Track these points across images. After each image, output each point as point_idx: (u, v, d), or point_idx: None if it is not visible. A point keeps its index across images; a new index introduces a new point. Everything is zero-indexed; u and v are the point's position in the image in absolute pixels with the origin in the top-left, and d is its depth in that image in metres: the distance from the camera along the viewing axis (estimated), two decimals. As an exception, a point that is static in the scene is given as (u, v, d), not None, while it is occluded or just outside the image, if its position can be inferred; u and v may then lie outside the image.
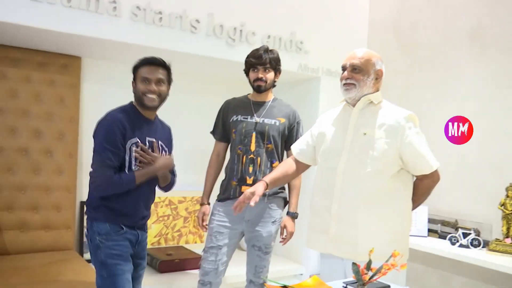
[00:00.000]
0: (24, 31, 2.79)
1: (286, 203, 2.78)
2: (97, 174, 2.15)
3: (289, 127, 2.71)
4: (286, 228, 2.68)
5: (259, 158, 2.62)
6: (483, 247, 3.04)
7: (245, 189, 2.54)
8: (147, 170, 2.21)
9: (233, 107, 2.75)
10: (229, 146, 2.78)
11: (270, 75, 2.66)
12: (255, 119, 2.66)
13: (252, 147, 2.63)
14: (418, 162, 2.04)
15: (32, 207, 3.27)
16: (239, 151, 2.65)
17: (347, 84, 2.09)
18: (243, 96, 2.81)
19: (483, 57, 3.36)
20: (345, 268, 2.14)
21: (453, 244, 3.12)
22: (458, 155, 3.40)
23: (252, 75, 2.67)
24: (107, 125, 2.17)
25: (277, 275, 3.46)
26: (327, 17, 3.93)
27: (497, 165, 3.22)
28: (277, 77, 2.73)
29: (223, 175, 2.79)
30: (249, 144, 2.63)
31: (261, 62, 2.62)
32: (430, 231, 3.45)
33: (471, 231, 3.11)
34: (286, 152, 2.76)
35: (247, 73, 2.72)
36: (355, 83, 2.07)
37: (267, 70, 2.64)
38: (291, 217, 2.71)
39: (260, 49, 2.65)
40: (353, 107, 2.13)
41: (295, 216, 2.73)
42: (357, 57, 2.09)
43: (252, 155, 2.62)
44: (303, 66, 3.77)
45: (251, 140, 2.63)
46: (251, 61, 2.65)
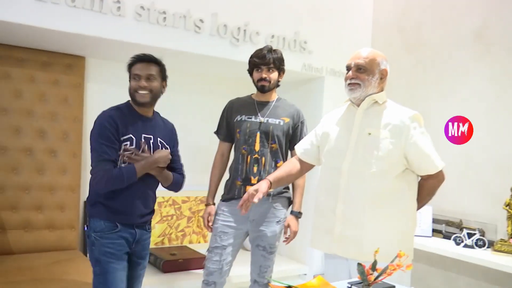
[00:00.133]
0: (28, 31, 2.80)
1: (290, 202, 2.78)
2: (96, 170, 2.16)
3: (294, 127, 2.71)
4: (289, 227, 2.68)
5: (263, 158, 2.62)
6: (488, 247, 3.03)
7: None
8: (146, 161, 2.21)
9: (237, 107, 2.75)
10: (233, 146, 2.78)
11: (274, 75, 2.66)
12: (259, 119, 2.66)
13: (257, 147, 2.62)
14: (423, 162, 2.03)
15: (36, 207, 3.27)
16: (243, 151, 2.64)
17: (351, 84, 2.08)
18: (247, 96, 2.81)
19: (487, 57, 3.35)
20: (349, 268, 2.13)
21: (457, 244, 3.11)
22: (462, 155, 3.39)
23: (255, 75, 2.67)
24: (99, 122, 2.21)
25: (280, 275, 3.46)
26: (331, 16, 3.92)
27: (502, 165, 3.20)
28: (281, 77, 2.73)
29: (227, 175, 2.79)
30: (253, 144, 2.63)
31: (264, 62, 2.61)
32: (435, 231, 3.44)
33: (475, 231, 3.09)
34: (290, 151, 2.75)
35: (251, 73, 2.72)
36: (360, 83, 2.07)
37: (270, 70, 2.64)
38: (294, 216, 2.71)
39: (264, 49, 2.65)
40: (357, 107, 2.13)
41: (298, 215, 2.72)
42: (362, 56, 2.08)
43: (256, 155, 2.62)
44: (307, 66, 3.76)
45: (256, 140, 2.63)
46: (255, 61, 2.65)
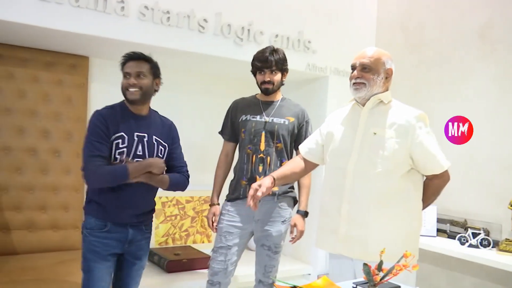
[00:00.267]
0: (32, 31, 2.80)
1: (295, 202, 2.78)
2: (87, 165, 2.16)
3: (298, 126, 2.70)
4: (296, 227, 2.66)
5: (268, 158, 2.61)
6: (492, 247, 3.02)
7: None
8: (140, 163, 2.21)
9: (242, 107, 2.74)
10: (238, 146, 2.77)
11: (277, 76, 2.65)
12: (264, 118, 2.65)
13: (262, 147, 2.62)
14: (429, 162, 2.02)
15: (40, 207, 3.28)
16: (248, 150, 2.64)
17: (357, 84, 2.07)
18: (251, 96, 2.81)
19: (492, 56, 3.34)
20: (354, 268, 2.13)
21: (462, 244, 3.10)
22: (467, 155, 3.38)
23: (259, 78, 2.67)
24: (90, 121, 2.24)
25: (284, 275, 3.45)
26: (335, 16, 3.91)
27: (506, 165, 3.19)
28: (285, 77, 2.72)
29: (231, 175, 2.79)
30: (258, 144, 2.62)
31: (267, 65, 2.60)
32: (439, 231, 3.43)
33: (480, 231, 3.09)
34: (295, 151, 2.74)
35: (254, 74, 2.72)
36: (365, 82, 2.06)
37: (273, 72, 2.63)
38: (301, 215, 2.70)
39: (266, 51, 2.63)
40: (362, 106, 2.12)
41: (305, 214, 2.71)
42: (367, 56, 2.07)
43: (261, 155, 2.61)
44: (311, 66, 3.75)
45: (261, 140, 2.62)
46: (257, 64, 2.64)
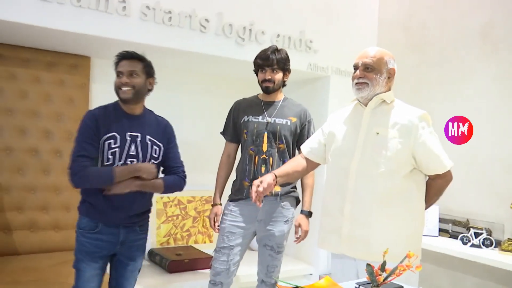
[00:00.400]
0: (34, 31, 2.79)
1: (298, 202, 2.77)
2: (73, 165, 2.16)
3: (301, 126, 2.70)
4: (300, 227, 2.67)
5: (271, 158, 2.61)
6: (495, 247, 3.02)
7: None
8: (127, 167, 2.20)
9: (244, 107, 2.74)
10: (240, 147, 2.77)
11: (278, 75, 2.65)
12: (266, 119, 2.65)
13: (264, 147, 2.62)
14: (432, 161, 2.02)
15: (41, 207, 3.27)
16: (251, 151, 2.64)
17: (359, 83, 2.07)
18: (253, 96, 2.80)
19: (494, 56, 3.33)
20: (357, 268, 2.12)
21: (464, 244, 3.10)
22: (469, 155, 3.38)
23: (260, 76, 2.67)
24: (82, 121, 2.23)
25: (286, 275, 3.44)
26: (336, 16, 3.91)
27: (508, 165, 3.19)
28: (287, 77, 2.71)
29: (233, 175, 2.78)
30: (261, 145, 2.62)
31: (268, 63, 2.61)
32: (441, 230, 3.43)
33: (483, 230, 3.08)
34: (297, 151, 2.74)
35: (256, 73, 2.72)
36: (367, 82, 2.05)
37: (275, 71, 2.63)
38: (305, 215, 2.70)
39: (268, 50, 2.63)
40: (364, 106, 2.11)
41: (309, 214, 2.71)
42: (369, 55, 2.07)
43: (264, 155, 2.61)
44: (312, 65, 3.75)
45: (263, 140, 2.62)
46: (258, 62, 2.65)
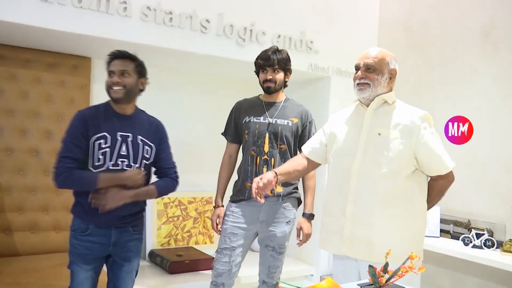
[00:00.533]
0: (35, 32, 2.79)
1: (300, 203, 2.77)
2: (58, 165, 2.15)
3: (302, 127, 2.70)
4: (302, 230, 2.66)
5: (273, 159, 2.60)
6: (496, 247, 3.02)
7: None
8: (113, 175, 2.16)
9: (245, 108, 2.74)
10: (242, 147, 2.76)
11: (280, 75, 2.65)
12: (268, 119, 2.65)
13: (266, 148, 2.61)
14: (434, 162, 2.02)
15: (42, 208, 3.27)
16: (252, 152, 2.63)
17: (361, 84, 2.07)
18: (254, 97, 2.80)
19: (495, 56, 3.33)
20: (359, 269, 2.11)
21: (466, 244, 3.09)
22: (470, 155, 3.37)
23: (261, 76, 2.67)
24: (71, 120, 2.22)
25: (287, 275, 3.44)
26: (337, 16, 3.91)
27: (509, 165, 3.18)
28: (288, 77, 2.71)
29: (235, 176, 2.78)
30: (262, 145, 2.62)
31: (269, 63, 2.61)
32: (442, 231, 3.43)
33: (484, 231, 3.08)
34: (299, 152, 2.73)
35: (257, 74, 2.72)
36: (369, 82, 2.05)
37: (276, 71, 2.63)
38: (306, 218, 2.69)
39: (269, 50, 2.64)
40: (366, 107, 2.11)
41: (311, 217, 2.71)
42: (371, 56, 2.07)
43: (266, 156, 2.61)
44: (313, 66, 3.75)
45: (265, 141, 2.62)
46: (259, 62, 2.65)
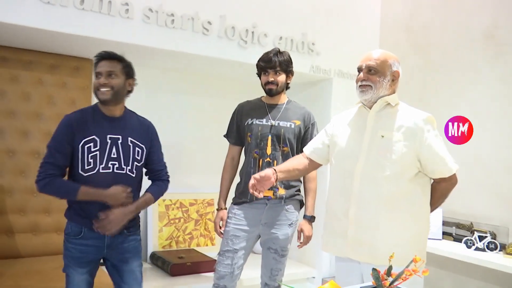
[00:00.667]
0: (36, 33, 2.79)
1: (302, 205, 2.76)
2: (41, 170, 2.15)
3: (304, 129, 2.69)
4: (303, 232, 2.66)
5: (275, 162, 2.60)
6: (499, 250, 3.00)
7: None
8: (94, 192, 2.15)
9: (247, 110, 2.73)
10: (244, 150, 2.76)
11: (281, 77, 2.64)
12: (270, 122, 2.64)
13: (268, 151, 2.61)
14: (437, 165, 2.01)
15: (44, 210, 3.27)
16: (255, 154, 2.63)
17: (362, 86, 2.07)
18: (256, 99, 2.80)
19: (498, 57, 3.32)
20: (362, 272, 2.11)
21: (468, 247, 3.08)
22: (473, 157, 3.36)
23: (263, 79, 2.67)
24: (58, 125, 2.20)
25: (289, 278, 3.43)
26: (338, 18, 3.91)
27: (513, 167, 3.17)
28: (290, 79, 2.71)
29: (237, 178, 2.77)
30: (265, 148, 2.61)
31: (270, 65, 2.61)
32: (445, 234, 3.41)
33: (487, 234, 3.06)
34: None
35: (259, 76, 2.71)
36: (371, 84, 2.05)
37: (277, 73, 2.63)
38: (307, 220, 2.69)
39: (270, 52, 2.64)
40: (369, 109, 2.10)
41: (312, 219, 2.70)
42: (373, 58, 2.06)
43: (268, 159, 2.60)
44: (315, 68, 3.75)
45: (267, 144, 2.61)
46: (261, 64, 2.65)
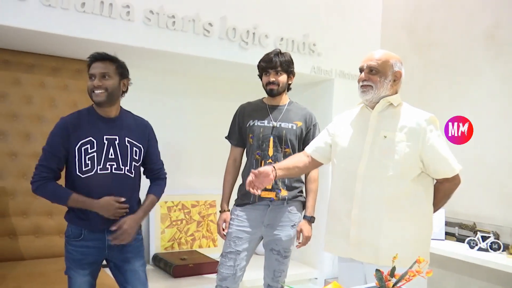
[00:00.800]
0: (38, 36, 2.80)
1: (305, 206, 2.76)
2: (35, 172, 2.17)
3: (306, 130, 2.69)
4: (302, 233, 2.65)
5: (277, 163, 2.59)
6: (503, 250, 2.99)
7: (265, 194, 2.55)
8: (85, 200, 2.14)
9: (249, 111, 2.73)
10: (246, 151, 2.76)
11: (283, 78, 2.64)
12: (272, 123, 2.64)
13: (270, 152, 2.61)
14: (440, 165, 2.00)
15: (46, 212, 3.26)
16: (257, 156, 2.63)
17: (363, 86, 2.07)
18: (258, 100, 2.80)
19: (500, 57, 3.31)
20: (365, 272, 2.10)
21: (471, 247, 3.07)
22: (476, 156, 3.35)
23: (264, 79, 2.67)
24: (53, 128, 2.21)
25: (291, 279, 3.43)
26: (339, 18, 3.90)
27: (516, 167, 3.16)
28: (291, 80, 2.71)
29: (239, 180, 2.77)
30: (267, 149, 2.61)
31: (271, 65, 2.61)
32: (447, 234, 3.40)
33: (490, 234, 3.06)
34: None
35: (261, 77, 2.71)
36: (371, 84, 2.05)
37: (279, 73, 2.63)
38: (307, 221, 2.68)
39: (272, 53, 2.64)
40: (371, 109, 2.10)
41: (311, 220, 2.70)
42: (374, 58, 2.07)
43: (270, 160, 2.60)
44: (316, 68, 3.75)
45: (269, 145, 2.61)
46: (262, 65, 2.66)
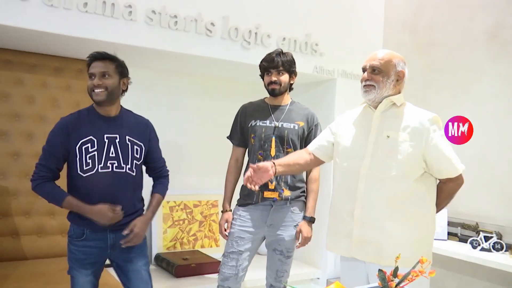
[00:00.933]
0: (40, 36, 2.80)
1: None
2: (35, 171, 2.19)
3: (308, 130, 2.69)
4: (301, 233, 2.64)
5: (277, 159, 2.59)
6: (505, 250, 2.99)
7: (267, 194, 2.54)
8: (79, 205, 2.15)
9: (251, 111, 2.73)
10: (248, 151, 2.76)
11: (284, 77, 2.64)
12: (274, 123, 2.64)
13: (272, 152, 2.60)
14: (444, 165, 2.00)
15: (49, 212, 3.27)
16: (259, 156, 2.63)
17: (366, 86, 2.07)
18: (259, 100, 2.79)
19: (503, 57, 3.30)
20: (367, 272, 2.10)
21: (474, 247, 3.07)
22: (478, 156, 3.34)
23: (266, 79, 2.67)
24: (53, 128, 2.22)
25: (293, 279, 3.43)
26: (342, 18, 3.90)
27: (518, 167, 3.15)
28: (293, 80, 2.71)
29: (241, 180, 2.76)
30: (269, 149, 2.61)
31: (273, 65, 2.61)
32: (450, 234, 3.40)
33: (493, 234, 3.05)
34: None
35: (262, 77, 2.71)
36: (374, 84, 2.05)
37: (280, 73, 2.63)
38: (307, 221, 2.67)
39: (273, 53, 2.64)
40: (374, 109, 2.10)
41: (311, 220, 2.69)
42: (377, 58, 2.07)
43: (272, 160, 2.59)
44: (318, 68, 3.74)
45: (271, 145, 2.61)
46: (264, 65, 2.65)
